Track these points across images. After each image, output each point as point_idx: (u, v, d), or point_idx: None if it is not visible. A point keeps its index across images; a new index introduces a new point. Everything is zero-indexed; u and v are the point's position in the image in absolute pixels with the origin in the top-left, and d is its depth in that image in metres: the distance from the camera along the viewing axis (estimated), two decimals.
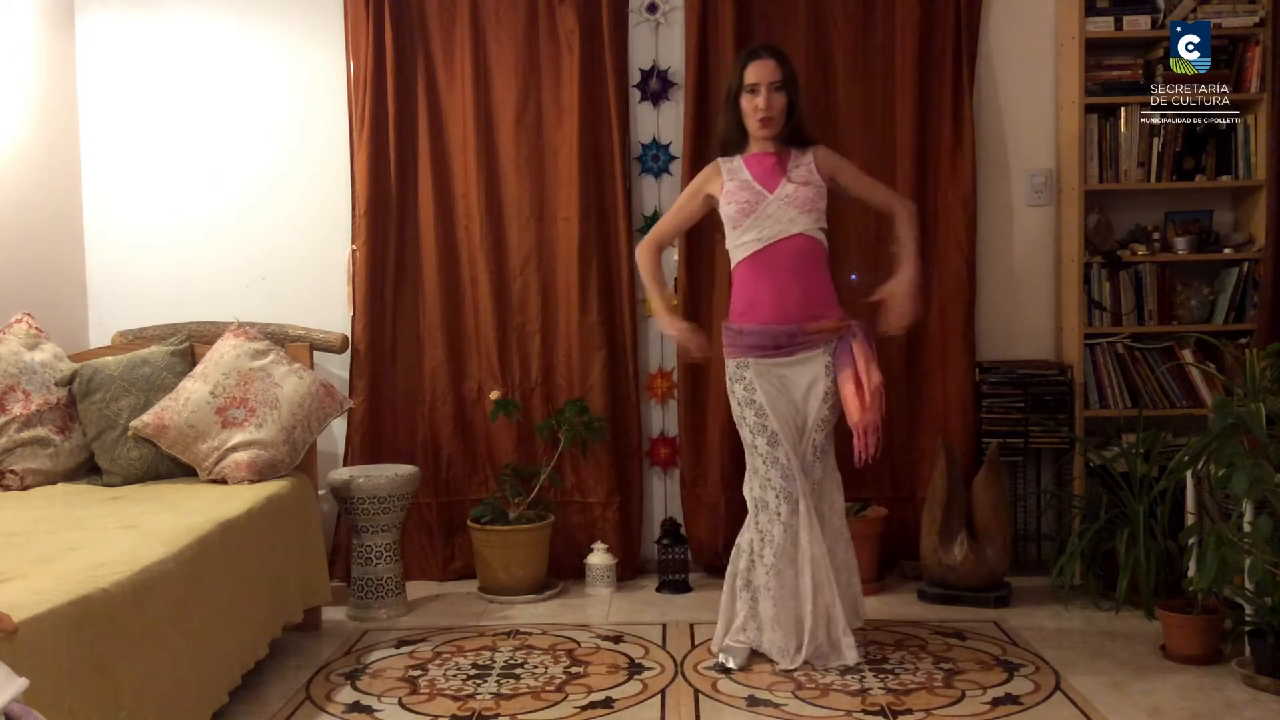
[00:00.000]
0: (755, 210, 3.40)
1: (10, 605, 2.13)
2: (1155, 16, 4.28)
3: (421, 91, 4.49)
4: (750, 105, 3.43)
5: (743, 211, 3.42)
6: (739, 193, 3.44)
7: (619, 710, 3.14)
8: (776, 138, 3.47)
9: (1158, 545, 3.85)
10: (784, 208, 3.39)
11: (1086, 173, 4.35)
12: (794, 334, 3.39)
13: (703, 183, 3.56)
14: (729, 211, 3.45)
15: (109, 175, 4.64)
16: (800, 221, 3.40)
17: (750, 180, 3.44)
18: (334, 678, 3.45)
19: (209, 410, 3.79)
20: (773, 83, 3.41)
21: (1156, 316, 4.37)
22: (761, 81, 3.41)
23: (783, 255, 3.40)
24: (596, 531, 4.50)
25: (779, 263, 3.40)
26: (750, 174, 3.46)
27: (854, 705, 3.13)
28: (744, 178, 3.45)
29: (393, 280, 4.53)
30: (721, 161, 3.53)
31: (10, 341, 3.83)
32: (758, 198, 3.41)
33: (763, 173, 3.45)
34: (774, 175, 3.44)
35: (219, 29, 4.61)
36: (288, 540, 3.62)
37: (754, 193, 3.42)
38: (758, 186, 3.43)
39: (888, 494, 4.45)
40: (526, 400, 4.51)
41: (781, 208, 3.39)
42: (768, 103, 3.40)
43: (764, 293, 3.41)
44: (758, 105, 3.41)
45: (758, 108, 3.41)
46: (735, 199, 3.44)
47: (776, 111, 3.42)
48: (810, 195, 3.42)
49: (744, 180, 3.45)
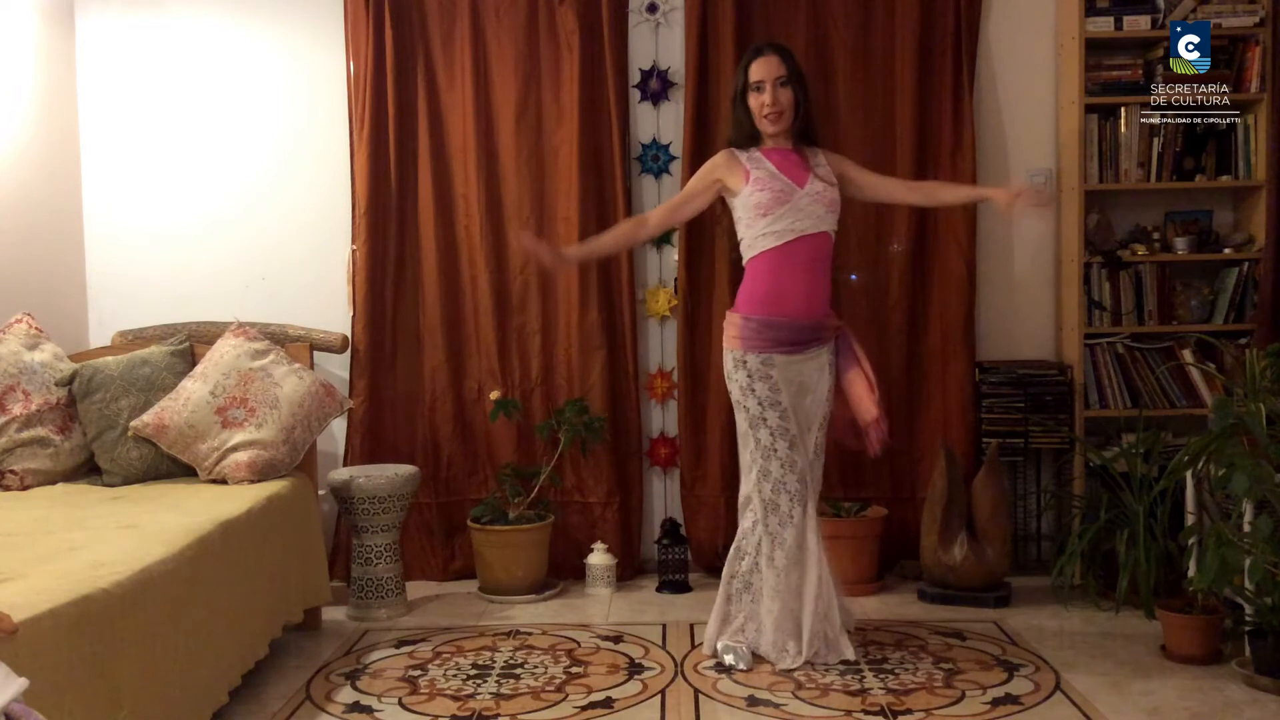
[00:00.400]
0: (789, 201, 3.36)
1: (10, 605, 2.13)
2: (1155, 16, 4.28)
3: (421, 91, 4.49)
4: (757, 103, 3.41)
5: (777, 200, 3.36)
6: (770, 180, 3.38)
7: (619, 710, 3.14)
8: (790, 135, 3.45)
9: (1158, 545, 3.86)
10: (814, 204, 3.38)
11: (1086, 173, 4.35)
12: (816, 328, 3.40)
13: (715, 170, 3.48)
14: (760, 199, 3.37)
15: (109, 175, 4.64)
16: (827, 220, 3.41)
17: (776, 172, 3.40)
18: (334, 678, 3.45)
19: (209, 410, 3.79)
20: (778, 78, 3.39)
21: (1156, 316, 4.37)
22: (766, 78, 3.40)
23: (810, 249, 3.39)
24: (596, 531, 4.50)
25: (807, 255, 3.38)
26: (774, 166, 3.41)
27: (854, 705, 3.13)
28: (769, 168, 3.41)
29: (393, 280, 4.53)
30: (736, 151, 3.47)
31: (10, 341, 3.83)
32: (789, 189, 3.37)
33: (788, 166, 3.42)
34: (800, 171, 3.41)
35: (219, 29, 4.61)
36: (288, 540, 3.62)
37: (784, 183, 3.38)
38: (785, 179, 3.39)
39: (888, 494, 4.45)
40: (526, 400, 4.50)
41: (811, 203, 3.38)
42: (774, 98, 3.39)
43: (793, 285, 3.37)
44: (764, 102, 3.39)
45: (764, 104, 3.39)
46: (768, 186, 3.37)
47: (785, 106, 3.40)
48: (834, 196, 3.43)
49: (770, 170, 3.40)
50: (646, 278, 4.57)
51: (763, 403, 3.37)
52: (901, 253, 4.39)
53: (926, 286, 4.42)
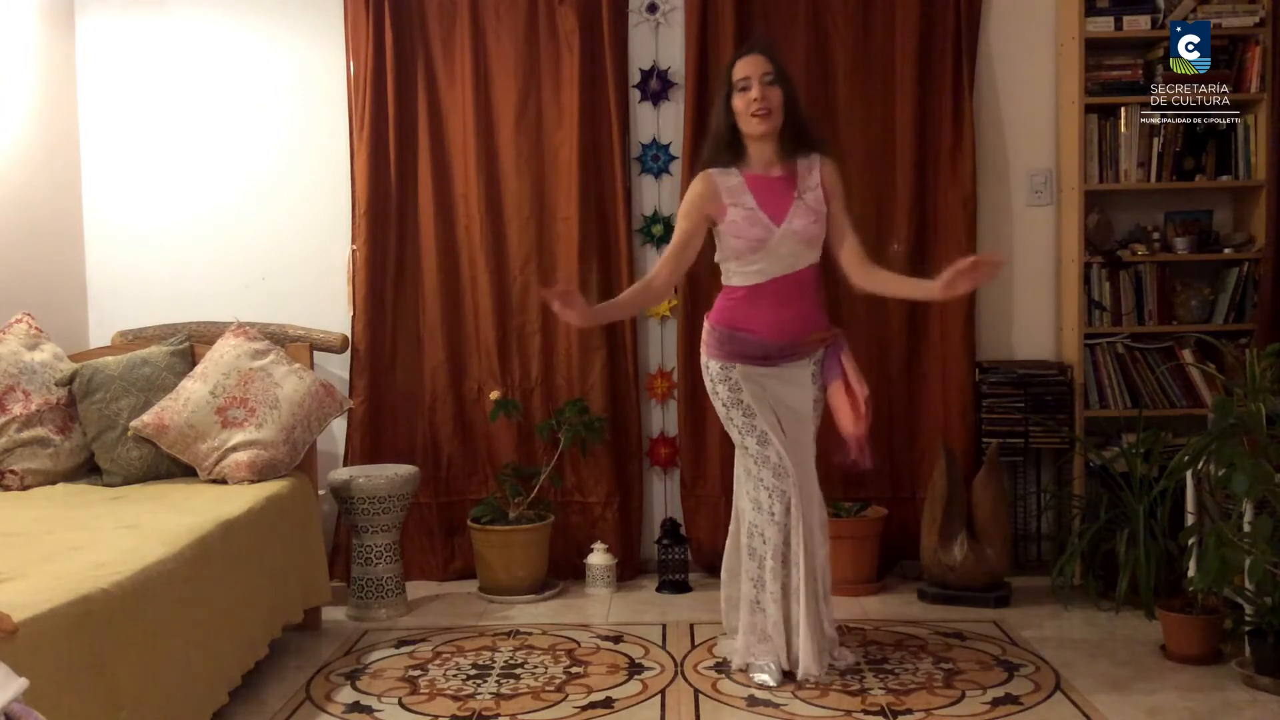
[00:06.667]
0: (763, 247, 3.24)
1: (10, 605, 2.13)
2: (1155, 16, 4.28)
3: (421, 91, 4.49)
4: (743, 102, 3.24)
5: (750, 248, 3.25)
6: (746, 227, 3.23)
7: (619, 710, 3.14)
8: (779, 142, 3.29)
9: (1158, 545, 3.86)
10: (791, 244, 3.24)
11: (1086, 173, 4.35)
12: (784, 348, 3.32)
13: (702, 204, 3.30)
14: (734, 245, 3.27)
15: (109, 175, 4.64)
16: (806, 257, 3.29)
17: (756, 210, 3.24)
18: (334, 678, 3.45)
19: (209, 410, 3.79)
20: (764, 74, 3.23)
21: (1156, 316, 4.37)
22: (753, 74, 3.24)
23: (783, 287, 3.29)
24: (596, 531, 4.50)
25: (779, 293, 3.29)
26: (755, 200, 3.25)
27: (854, 705, 3.13)
28: (749, 206, 3.25)
29: (393, 280, 4.53)
30: (716, 176, 3.30)
31: (10, 341, 3.83)
32: (765, 233, 3.23)
33: (770, 198, 3.26)
34: (782, 199, 3.26)
35: (219, 29, 4.61)
36: (288, 540, 3.62)
37: (762, 227, 3.23)
38: (764, 218, 3.23)
39: (888, 494, 4.45)
40: (526, 400, 4.50)
41: (789, 244, 3.24)
42: (761, 94, 3.21)
43: (760, 313, 3.30)
44: (752, 98, 3.22)
45: (752, 100, 3.22)
46: (743, 234, 3.24)
47: (774, 105, 3.23)
48: (816, 232, 3.27)
49: (749, 210, 3.24)
50: None
51: (726, 404, 3.34)
52: (901, 253, 4.38)
53: None
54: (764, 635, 3.33)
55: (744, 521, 3.38)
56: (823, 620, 3.36)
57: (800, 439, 3.34)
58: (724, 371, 3.34)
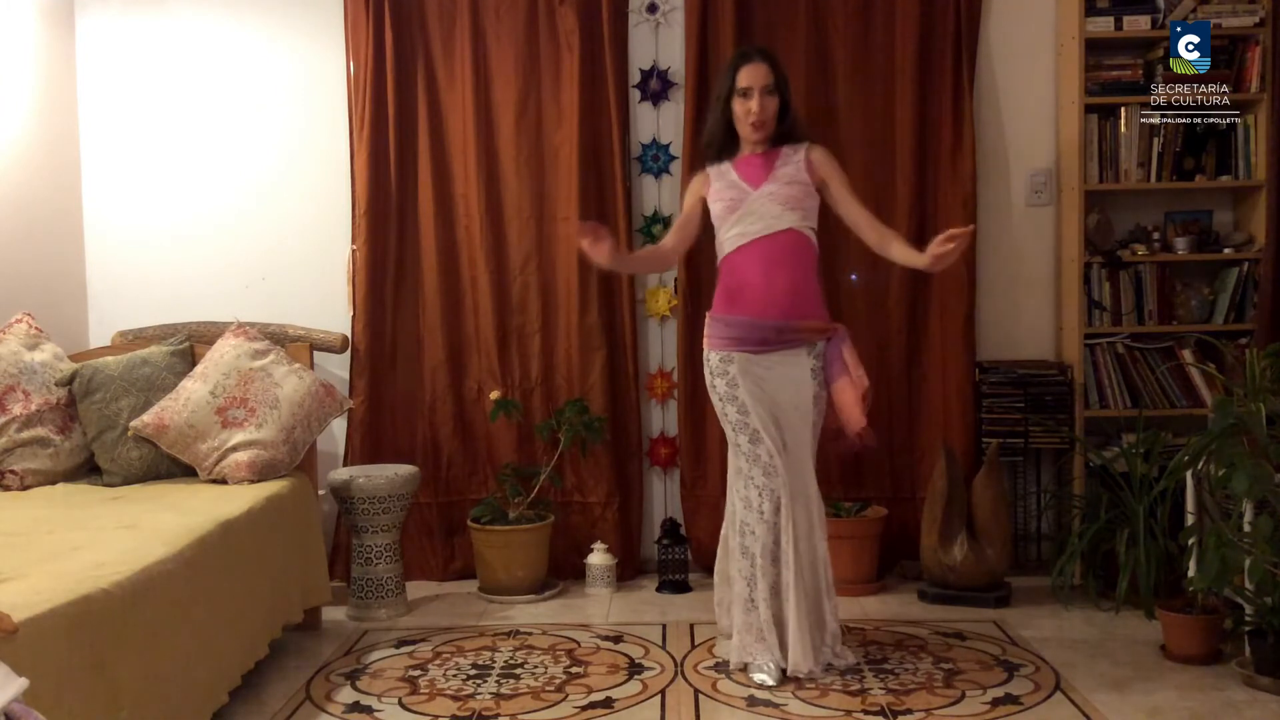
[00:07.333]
0: (740, 206, 3.38)
1: (10, 605, 2.13)
2: (1155, 16, 4.28)
3: (421, 91, 4.49)
4: (743, 109, 3.39)
5: (728, 208, 3.40)
6: (725, 191, 3.43)
7: (619, 710, 3.14)
8: (768, 140, 3.44)
9: (1158, 545, 3.86)
10: (768, 203, 3.37)
11: (1086, 173, 4.35)
12: (781, 329, 3.34)
13: (695, 187, 3.55)
14: (716, 209, 3.45)
15: (109, 175, 4.64)
16: (787, 218, 3.37)
17: (737, 180, 3.43)
18: (334, 678, 3.45)
19: (209, 410, 3.79)
20: (765, 86, 3.37)
21: (1156, 316, 4.37)
22: (755, 85, 3.37)
23: (771, 248, 3.36)
24: (596, 531, 4.50)
25: (768, 255, 3.36)
26: (737, 174, 3.45)
27: (854, 705, 3.13)
28: (731, 178, 3.44)
29: (393, 280, 4.53)
30: (710, 169, 3.51)
31: (10, 341, 3.83)
32: (742, 194, 3.40)
33: (749, 172, 3.44)
34: (760, 173, 3.42)
35: (219, 29, 4.61)
36: (288, 540, 3.62)
37: (739, 190, 3.41)
38: (743, 185, 3.41)
39: (888, 494, 4.45)
40: (526, 400, 4.51)
41: (765, 203, 3.37)
42: (761, 106, 3.36)
43: (750, 282, 3.36)
44: (751, 109, 3.37)
45: (750, 111, 3.37)
46: (721, 197, 3.42)
47: (769, 115, 3.39)
48: (795, 193, 3.38)
49: (731, 180, 3.44)
50: (646, 278, 4.57)
51: (722, 398, 3.38)
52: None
53: (926, 286, 4.42)
54: (760, 634, 3.35)
55: (736, 519, 3.40)
56: (824, 614, 3.38)
57: (800, 436, 3.36)
58: (723, 365, 3.38)
